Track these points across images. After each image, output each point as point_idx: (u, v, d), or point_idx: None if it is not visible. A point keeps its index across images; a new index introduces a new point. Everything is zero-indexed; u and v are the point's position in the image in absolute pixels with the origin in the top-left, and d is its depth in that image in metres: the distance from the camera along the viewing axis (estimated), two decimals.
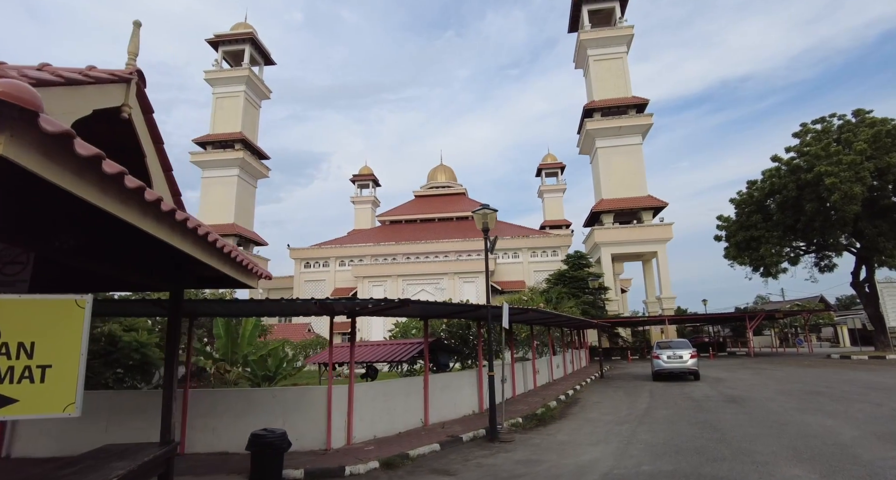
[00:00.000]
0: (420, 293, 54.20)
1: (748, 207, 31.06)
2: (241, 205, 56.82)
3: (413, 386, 10.34)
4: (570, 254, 45.79)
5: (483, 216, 9.98)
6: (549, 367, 19.55)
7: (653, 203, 45.64)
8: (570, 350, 25.68)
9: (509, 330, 15.29)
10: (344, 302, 7.54)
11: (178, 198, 6.61)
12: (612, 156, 48.19)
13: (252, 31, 59.25)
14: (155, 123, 5.81)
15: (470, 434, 9.45)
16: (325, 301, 7.51)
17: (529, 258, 56.39)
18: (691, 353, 18.31)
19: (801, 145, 28.91)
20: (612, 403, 13.64)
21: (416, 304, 8.24)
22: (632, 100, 48.27)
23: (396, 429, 9.73)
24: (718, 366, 25.58)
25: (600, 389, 17.19)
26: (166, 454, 6.25)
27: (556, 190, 78.03)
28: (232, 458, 8.28)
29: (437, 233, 61.58)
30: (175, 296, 6.81)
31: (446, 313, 10.70)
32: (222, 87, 57.88)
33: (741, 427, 9.32)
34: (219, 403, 8.84)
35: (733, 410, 11.37)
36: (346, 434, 8.87)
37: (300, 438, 8.65)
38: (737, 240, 31.04)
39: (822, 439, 8.08)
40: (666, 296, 42.69)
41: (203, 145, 56.78)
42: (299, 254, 59.72)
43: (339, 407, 8.85)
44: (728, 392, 14.82)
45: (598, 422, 10.71)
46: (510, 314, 10.52)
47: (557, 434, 9.66)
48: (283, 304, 7.62)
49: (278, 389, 9.15)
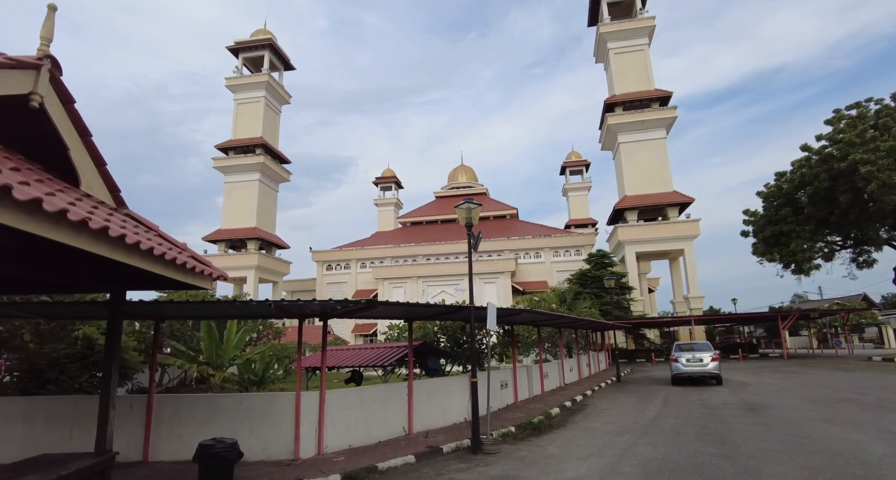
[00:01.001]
0: (440, 294, 53.63)
1: (777, 200, 29.16)
2: (262, 208, 57.46)
3: (394, 392, 9.72)
4: (593, 253, 44.45)
5: (466, 211, 9.31)
6: (559, 371, 18.62)
7: (678, 199, 43.84)
8: (588, 352, 24.62)
9: (511, 332, 14.52)
10: (301, 303, 6.99)
11: (117, 194, 6.18)
12: (635, 151, 46.60)
13: (271, 37, 59.96)
14: (78, 114, 5.34)
15: (452, 444, 8.76)
16: (281, 302, 6.97)
17: (552, 258, 55.22)
18: (712, 356, 17.10)
19: (833, 132, 26.85)
20: (620, 411, 12.71)
21: (386, 306, 7.63)
22: (654, 94, 46.57)
23: (375, 438, 9.13)
24: (746, 369, 24.07)
25: (612, 395, 16.20)
26: (98, 466, 5.82)
27: (581, 188, 76.39)
28: (193, 467, 7.84)
29: (458, 233, 60.93)
30: (115, 298, 6.40)
31: (427, 315, 10.06)
32: (243, 93, 58.77)
33: (753, 441, 8.34)
34: (183, 410, 8.42)
35: (750, 420, 10.33)
36: (317, 443, 8.32)
37: (268, 447, 8.18)
38: (765, 236, 29.17)
39: (845, 457, 7.07)
40: (693, 296, 40.84)
41: (225, 151, 57.73)
42: (321, 257, 60.09)
43: (309, 415, 8.31)
44: (749, 398, 13.66)
45: (597, 432, 9.86)
46: (498, 315, 9.78)
47: (549, 445, 8.88)
48: (239, 306, 7.12)
49: (245, 395, 8.69)
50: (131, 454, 8.28)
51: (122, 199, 6.25)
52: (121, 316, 6.47)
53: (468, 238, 9.17)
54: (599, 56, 53.26)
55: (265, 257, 55.73)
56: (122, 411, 8.50)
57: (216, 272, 6.67)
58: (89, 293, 8.02)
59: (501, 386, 13.21)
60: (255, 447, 8.16)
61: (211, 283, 6.80)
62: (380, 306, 7.52)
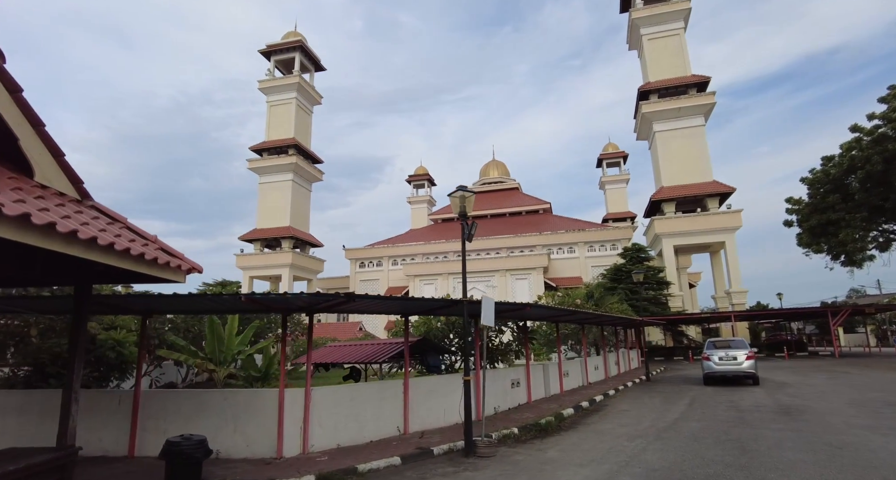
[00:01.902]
0: (471, 290, 53.14)
1: (823, 186, 26.73)
2: (296, 208, 58.46)
3: (388, 390, 9.30)
4: (628, 247, 42.80)
5: (460, 199, 8.74)
6: (582, 369, 17.75)
7: (718, 189, 41.55)
8: (617, 350, 23.51)
9: (525, 328, 13.86)
10: (273, 296, 6.65)
11: (80, 186, 6.04)
12: (672, 139, 44.50)
13: (301, 38, 60.87)
14: (27, 103, 5.14)
15: (445, 446, 8.25)
16: (252, 295, 6.66)
17: (586, 253, 53.74)
18: (747, 354, 15.84)
19: (888, 110, 24.36)
20: (639, 412, 11.85)
21: (363, 299, 7.20)
22: (691, 79, 44.31)
23: (366, 438, 8.74)
24: (789, 369, 22.38)
25: (636, 395, 15.25)
26: (57, 460, 5.66)
27: (619, 180, 74.14)
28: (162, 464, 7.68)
29: (489, 229, 60.23)
30: (79, 293, 6.24)
31: (420, 309, 9.56)
32: (275, 95, 59.93)
33: (779, 450, 7.43)
34: (169, 405, 8.28)
35: (781, 425, 9.32)
36: (302, 442, 8.00)
37: (251, 444, 7.93)
38: (811, 225, 26.90)
39: (884, 471, 6.13)
40: (736, 291, 38.56)
41: (259, 152, 59.06)
42: (354, 255, 60.73)
43: (294, 413, 8.00)
44: (786, 400, 12.49)
45: (607, 436, 9.13)
46: (498, 310, 9.19)
47: (550, 449, 8.24)
48: (210, 300, 6.86)
49: (230, 391, 8.46)
50: (119, 448, 8.22)
51: (86, 191, 6.09)
52: (86, 310, 6.31)
53: (462, 228, 8.61)
54: (633, 43, 51.22)
55: (299, 255, 56.70)
56: (110, 406, 8.46)
57: (186, 264, 6.41)
58: (47, 286, 7.95)
59: (513, 384, 12.58)
60: (239, 444, 7.93)
61: (184, 277, 6.56)
62: (357, 300, 7.09)
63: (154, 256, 5.63)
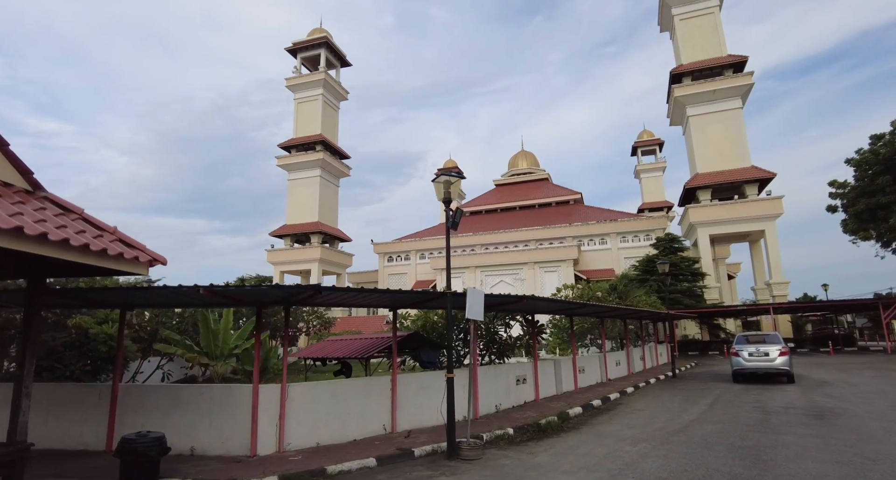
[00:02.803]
0: (498, 284, 52.40)
1: (872, 168, 24.37)
2: (324, 203, 59.00)
3: (375, 386, 8.85)
4: (661, 237, 41.04)
5: (445, 184, 8.15)
6: (601, 365, 16.87)
7: (757, 174, 39.14)
8: (643, 344, 22.38)
9: (533, 322, 13.16)
10: (233, 288, 6.27)
11: (30, 176, 5.88)
12: (707, 124, 42.22)
13: (326, 35, 61.09)
14: None
15: (429, 447, 7.74)
16: (213, 287, 6.29)
17: (619, 244, 52.11)
18: (780, 350, 14.60)
19: None
20: (654, 412, 11.00)
21: (330, 291, 6.72)
22: (727, 60, 41.84)
23: (350, 436, 8.33)
24: (833, 365, 20.72)
25: (656, 392, 14.30)
26: (4, 457, 5.47)
27: (655, 169, 71.48)
28: None
29: (518, 221, 59.26)
30: (31, 286, 6.03)
31: (404, 302, 9.01)
32: (302, 92, 60.48)
33: (800, 460, 6.55)
34: (148, 400, 8.10)
35: (809, 430, 8.34)
36: (278, 439, 7.66)
37: (226, 441, 7.65)
38: (857, 210, 24.66)
39: None
40: (776, 282, 36.26)
41: (288, 149, 59.84)
42: (382, 249, 61.00)
43: (270, 410, 7.67)
44: (821, 401, 11.34)
45: (610, 438, 8.40)
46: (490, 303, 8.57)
47: (542, 453, 7.60)
48: (169, 292, 6.56)
49: (206, 386, 8.20)
50: (99, 443, 8.11)
51: (37, 182, 5.90)
52: (38, 304, 6.09)
53: (446, 214, 8.03)
54: (664, 24, 48.89)
55: (328, 250, 57.28)
56: (90, 400, 8.36)
57: (146, 256, 6.11)
58: None
59: (518, 381, 11.92)
60: (214, 441, 7.67)
61: (145, 269, 6.29)
62: (325, 293, 6.64)
63: (103, 247, 5.35)
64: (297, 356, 12.24)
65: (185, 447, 7.65)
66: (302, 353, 12.43)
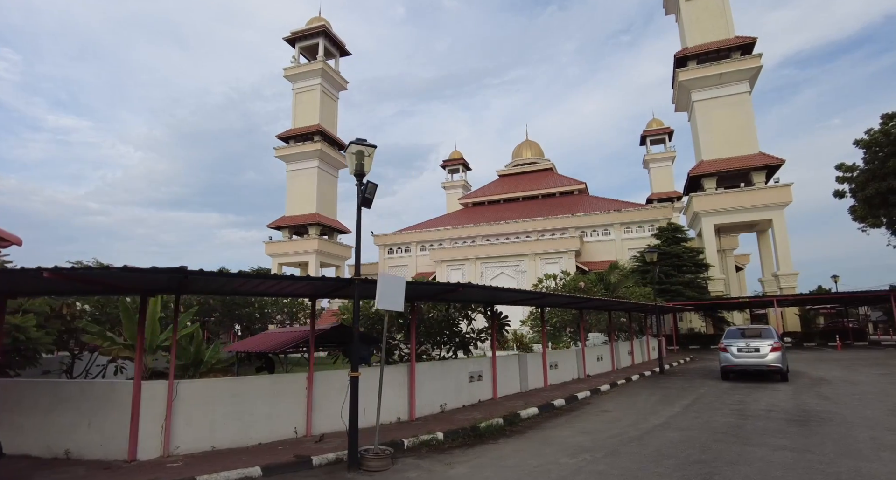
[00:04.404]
0: (499, 276, 51.29)
1: (883, 149, 22.57)
2: (322, 195, 58.22)
3: (287, 384, 7.83)
4: (663, 227, 39.47)
5: (358, 156, 7.04)
6: (578, 360, 15.71)
7: (765, 161, 37.32)
8: (633, 338, 21.13)
9: (495, 313, 12.04)
10: (81, 270, 5.27)
11: None
12: (713, 109, 40.40)
13: (325, 23, 59.98)
14: None
15: (332, 455, 6.71)
16: (57, 270, 5.30)
17: (622, 234, 50.54)
18: (772, 345, 13.32)
19: None
20: (620, 414, 9.86)
21: (198, 275, 5.69)
22: (734, 42, 39.88)
23: (254, 440, 7.33)
24: (837, 361, 19.30)
25: (634, 391, 13.12)
26: None
27: (664, 158, 69.64)
28: (20, 463, 6.59)
29: (521, 212, 57.90)
30: None
31: (310, 291, 7.93)
32: (300, 82, 59.53)
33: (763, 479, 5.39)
34: (26, 397, 7.18)
35: (784, 441, 7.14)
36: (163, 442, 6.70)
37: (105, 443, 6.69)
38: (867, 195, 22.91)
39: None
40: (784, 273, 34.56)
41: (286, 140, 59.07)
42: (382, 241, 60.14)
43: (155, 409, 6.71)
44: (811, 404, 10.10)
45: (552, 447, 7.29)
46: (415, 292, 7.48)
47: (462, 464, 6.53)
48: (17, 274, 5.59)
49: (87, 382, 7.29)
50: None
51: None
52: None
53: (357, 189, 6.95)
54: (669, 6, 46.95)
55: (326, 242, 56.58)
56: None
57: None
58: None
59: (472, 378, 10.84)
60: (93, 443, 6.73)
61: None
62: (191, 276, 5.62)
63: None
64: (229, 350, 11.34)
65: (60, 449, 6.75)
66: (234, 347, 11.49)
